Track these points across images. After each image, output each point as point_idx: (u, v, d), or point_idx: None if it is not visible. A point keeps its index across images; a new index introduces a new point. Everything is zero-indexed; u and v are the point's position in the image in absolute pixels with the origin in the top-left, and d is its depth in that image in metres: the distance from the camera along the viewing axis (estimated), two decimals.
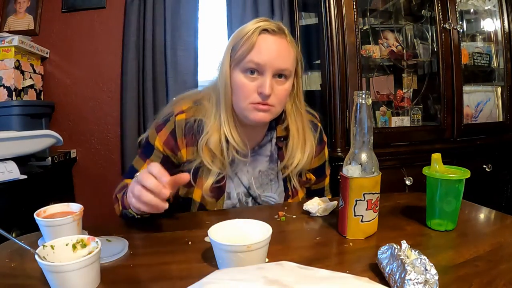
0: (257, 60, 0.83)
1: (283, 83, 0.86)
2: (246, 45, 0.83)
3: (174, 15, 2.02)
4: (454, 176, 0.71)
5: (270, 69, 0.83)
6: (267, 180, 0.98)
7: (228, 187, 0.95)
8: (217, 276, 0.42)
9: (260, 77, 0.84)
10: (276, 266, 0.44)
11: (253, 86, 0.84)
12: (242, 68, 0.85)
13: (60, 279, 0.51)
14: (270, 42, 0.84)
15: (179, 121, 0.91)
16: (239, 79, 0.85)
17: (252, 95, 0.84)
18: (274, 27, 0.85)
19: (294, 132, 0.95)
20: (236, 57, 0.85)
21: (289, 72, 0.86)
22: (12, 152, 1.41)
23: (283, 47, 0.85)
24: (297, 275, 0.41)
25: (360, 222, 0.70)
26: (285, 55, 0.85)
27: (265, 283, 0.38)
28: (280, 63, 0.84)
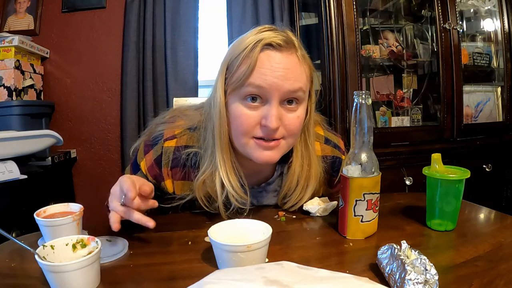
0: (259, 83, 0.66)
1: (295, 110, 0.70)
2: (244, 65, 0.66)
3: (174, 15, 2.02)
4: (454, 176, 0.71)
5: (277, 94, 0.66)
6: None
7: None
8: (217, 276, 0.42)
9: (264, 106, 0.68)
10: (276, 266, 0.44)
11: (256, 117, 0.68)
12: (241, 95, 0.68)
13: (60, 279, 0.51)
14: (275, 60, 0.66)
15: (167, 149, 0.78)
16: (237, 109, 0.68)
17: (254, 128, 0.68)
18: (280, 40, 0.67)
19: (296, 168, 0.78)
20: (233, 81, 0.68)
21: (302, 94, 0.69)
22: (12, 152, 1.41)
23: (293, 65, 0.68)
24: (297, 275, 0.41)
25: (360, 222, 0.70)
26: (296, 74, 0.68)
27: (265, 283, 0.38)
28: (289, 85, 0.66)
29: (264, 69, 0.66)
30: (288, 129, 0.69)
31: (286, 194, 0.81)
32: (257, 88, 0.66)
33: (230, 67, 0.69)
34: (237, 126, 0.69)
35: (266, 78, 0.65)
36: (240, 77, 0.67)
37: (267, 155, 0.70)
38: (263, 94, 0.67)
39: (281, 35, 0.69)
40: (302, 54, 0.71)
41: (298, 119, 0.70)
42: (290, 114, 0.69)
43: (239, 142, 0.71)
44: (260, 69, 0.66)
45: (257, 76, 0.66)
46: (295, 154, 0.79)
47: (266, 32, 0.68)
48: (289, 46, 0.69)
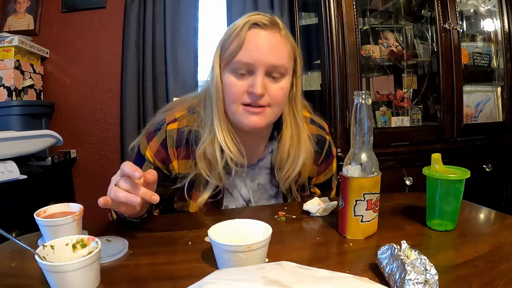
0: (246, 60, 0.75)
1: (278, 81, 0.78)
2: (234, 43, 0.76)
3: (174, 15, 2.02)
4: (454, 176, 0.71)
5: (262, 67, 0.75)
6: (267, 195, 0.93)
7: (226, 200, 0.90)
8: (217, 276, 0.42)
9: (250, 77, 0.77)
10: (276, 266, 0.44)
11: (243, 86, 0.76)
12: (232, 68, 0.77)
13: (60, 279, 0.51)
14: (260, 37, 0.76)
15: (171, 131, 0.84)
16: (229, 79, 0.77)
17: (242, 96, 0.77)
18: (265, 21, 0.78)
19: (286, 139, 0.85)
20: (225, 57, 0.78)
21: (284, 69, 0.78)
22: (12, 152, 1.41)
23: (276, 41, 0.77)
24: (297, 275, 0.41)
25: (360, 222, 0.70)
26: (279, 50, 0.77)
27: (265, 283, 0.38)
28: (272, 59, 0.75)
29: (251, 46, 0.75)
30: (272, 98, 0.77)
31: (279, 166, 0.87)
32: (244, 64, 0.76)
33: (224, 45, 0.79)
34: (228, 94, 0.78)
35: (252, 54, 0.75)
36: (231, 53, 0.76)
37: (254, 120, 0.78)
38: (250, 68, 0.76)
39: (267, 16, 0.80)
40: (285, 34, 0.80)
41: (281, 90, 0.79)
42: (274, 84, 0.78)
43: (231, 110, 0.80)
44: (247, 46, 0.75)
45: (244, 54, 0.75)
46: (284, 126, 0.86)
47: (253, 16, 0.79)
48: (274, 25, 0.79)
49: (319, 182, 0.98)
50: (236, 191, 0.91)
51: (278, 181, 0.90)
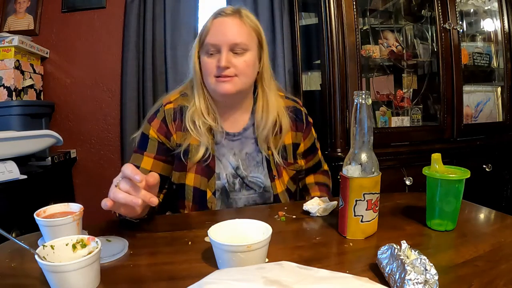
0: (212, 42, 0.93)
1: (242, 55, 0.94)
2: (205, 31, 0.96)
3: (174, 15, 2.02)
4: (454, 176, 0.71)
5: (225, 45, 0.92)
6: (254, 162, 1.04)
7: (217, 167, 1.01)
8: (217, 276, 0.42)
9: (218, 55, 0.94)
10: (276, 266, 0.44)
11: (214, 62, 0.94)
12: (204, 50, 0.96)
13: (60, 279, 0.52)
14: (222, 23, 0.94)
15: (168, 110, 1.00)
16: (203, 59, 0.96)
17: (213, 70, 0.94)
18: (228, 10, 0.95)
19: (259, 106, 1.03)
20: (200, 43, 0.98)
21: (244, 45, 0.94)
22: (12, 152, 1.41)
23: (236, 24, 0.94)
24: (297, 275, 0.41)
25: (360, 222, 0.70)
26: (237, 31, 0.94)
27: (265, 283, 0.38)
28: (232, 38, 0.92)
29: (215, 30, 0.94)
30: (237, 69, 0.94)
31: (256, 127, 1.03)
32: (212, 45, 0.94)
33: (201, 35, 0.98)
34: (204, 70, 0.97)
35: (216, 37, 0.93)
36: (202, 39, 0.96)
37: (225, 87, 0.94)
38: (217, 47, 0.93)
39: (231, 8, 0.97)
40: (245, 19, 0.96)
41: (244, 62, 0.95)
42: (238, 58, 0.94)
43: (208, 82, 0.97)
44: (212, 31, 0.94)
45: (211, 37, 0.94)
46: (258, 98, 1.04)
47: (221, 8, 0.97)
48: (235, 13, 0.95)
49: (306, 147, 1.12)
50: (224, 159, 1.02)
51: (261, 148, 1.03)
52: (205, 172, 0.99)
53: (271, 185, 1.02)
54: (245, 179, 1.02)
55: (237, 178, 1.02)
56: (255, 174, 1.03)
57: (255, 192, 1.02)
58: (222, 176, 1.01)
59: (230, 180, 1.01)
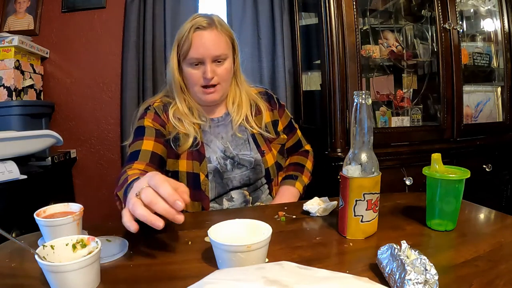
0: (196, 56, 1.02)
1: (222, 64, 1.06)
2: (185, 44, 1.03)
3: (174, 15, 2.02)
4: (454, 176, 0.71)
5: (208, 58, 1.02)
6: (241, 141, 1.13)
7: (207, 152, 1.09)
8: (217, 276, 0.42)
9: (202, 66, 1.04)
10: (276, 266, 0.44)
11: (199, 73, 1.04)
12: (188, 62, 1.05)
13: (60, 279, 0.52)
14: (203, 37, 1.02)
15: (157, 106, 1.10)
16: (188, 71, 1.06)
17: (199, 80, 1.05)
18: (205, 23, 1.03)
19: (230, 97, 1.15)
20: (182, 54, 1.05)
21: (225, 55, 1.05)
22: (12, 152, 1.41)
23: (214, 37, 1.03)
24: (297, 275, 0.41)
25: (360, 222, 0.71)
26: (217, 44, 1.03)
27: (265, 283, 0.38)
28: (214, 51, 1.02)
29: (197, 45, 1.02)
30: (220, 77, 1.06)
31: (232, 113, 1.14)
32: (196, 59, 1.03)
33: (179, 45, 1.06)
34: (190, 80, 1.07)
35: (199, 51, 1.02)
36: (185, 52, 1.04)
37: (211, 96, 1.07)
38: (200, 60, 1.03)
39: (206, 19, 1.04)
40: (221, 28, 1.05)
41: (225, 69, 1.07)
42: (220, 67, 1.05)
43: (193, 90, 1.09)
44: (194, 46, 1.02)
45: (194, 52, 1.02)
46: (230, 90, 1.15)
47: (196, 19, 1.04)
48: (211, 25, 1.04)
49: (284, 125, 1.23)
50: (213, 144, 1.11)
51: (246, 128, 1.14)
52: (196, 157, 1.06)
53: (261, 159, 1.11)
54: (235, 158, 1.10)
55: (227, 159, 1.09)
56: (244, 152, 1.11)
57: (247, 168, 1.10)
58: (212, 159, 1.08)
59: (221, 162, 1.09)
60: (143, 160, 0.96)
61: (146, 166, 0.95)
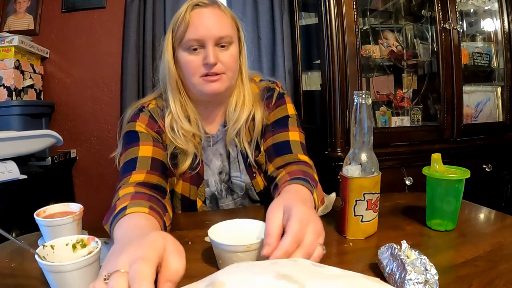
0: (195, 37, 0.82)
1: (227, 49, 0.86)
2: (182, 25, 0.83)
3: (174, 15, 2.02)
4: (454, 176, 0.71)
5: (210, 40, 0.82)
6: (232, 157, 0.95)
7: (206, 174, 0.94)
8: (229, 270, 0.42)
9: (203, 50, 0.83)
10: (290, 262, 0.45)
11: (199, 60, 0.84)
12: (184, 47, 0.84)
13: (60, 279, 0.51)
14: (203, 15, 0.84)
15: (153, 108, 0.91)
16: (184, 57, 0.85)
17: (199, 68, 0.84)
18: (205, 0, 0.85)
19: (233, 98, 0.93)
20: (177, 38, 0.85)
21: (230, 38, 0.85)
22: (12, 152, 1.41)
23: (217, 15, 0.85)
24: (309, 271, 0.41)
25: (360, 222, 0.70)
26: (221, 23, 0.85)
27: (276, 277, 0.39)
28: (217, 31, 0.83)
29: (197, 24, 0.82)
30: (225, 65, 0.85)
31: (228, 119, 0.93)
32: (195, 41, 0.83)
33: (174, 30, 0.86)
34: (187, 70, 0.85)
35: (199, 31, 0.82)
36: (181, 34, 0.84)
37: (214, 87, 0.85)
38: (200, 43, 0.83)
39: None
40: (224, 8, 0.88)
41: (231, 56, 0.86)
42: (224, 52, 0.85)
43: (192, 83, 0.86)
44: (193, 25, 0.83)
45: (192, 31, 0.82)
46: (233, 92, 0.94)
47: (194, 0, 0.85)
48: (213, 3, 0.86)
49: (273, 120, 0.95)
50: (212, 165, 0.96)
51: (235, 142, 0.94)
52: (194, 179, 0.92)
53: (251, 182, 0.94)
54: (228, 182, 0.96)
55: (222, 184, 0.96)
56: (234, 174, 0.95)
57: (238, 195, 0.97)
58: (211, 183, 0.95)
59: (218, 187, 0.96)
60: (143, 168, 0.80)
61: (146, 174, 0.79)
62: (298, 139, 0.92)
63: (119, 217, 0.63)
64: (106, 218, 0.68)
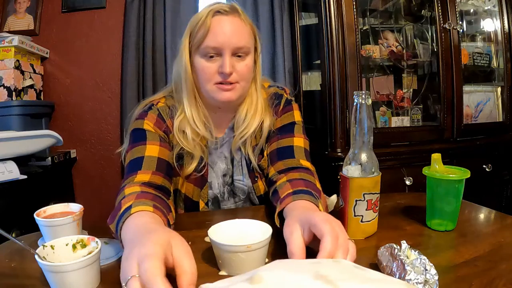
0: (213, 45, 0.83)
1: (243, 60, 0.87)
2: (201, 30, 0.84)
3: (174, 15, 2.02)
4: (454, 176, 0.71)
5: (228, 49, 0.84)
6: (236, 161, 0.97)
7: (209, 176, 0.96)
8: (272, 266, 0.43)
9: (219, 58, 0.85)
10: (333, 263, 0.45)
11: (214, 67, 0.85)
12: (202, 53, 0.86)
13: (60, 279, 0.51)
14: (223, 23, 0.84)
15: (162, 107, 0.92)
16: (200, 63, 0.86)
17: (214, 76, 0.86)
18: (226, 8, 0.86)
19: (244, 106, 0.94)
20: (195, 43, 0.86)
21: (247, 48, 0.87)
22: (12, 152, 1.41)
23: (237, 25, 0.85)
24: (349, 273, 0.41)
25: (360, 222, 0.70)
26: (240, 33, 0.85)
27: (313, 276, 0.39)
28: (236, 41, 0.84)
29: (216, 31, 0.83)
30: (240, 75, 0.86)
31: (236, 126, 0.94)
32: (213, 48, 0.84)
33: (192, 34, 0.87)
34: (202, 76, 0.87)
35: (218, 39, 0.83)
36: (199, 40, 0.85)
37: (227, 95, 0.87)
38: (218, 51, 0.84)
39: (227, 4, 0.87)
40: (244, 17, 0.88)
41: (246, 66, 0.87)
42: (240, 62, 0.86)
43: (205, 89, 0.88)
44: (213, 32, 0.83)
45: (212, 39, 0.83)
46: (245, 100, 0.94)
47: (215, 5, 0.86)
48: (234, 11, 0.86)
49: (279, 125, 0.97)
50: (216, 167, 0.97)
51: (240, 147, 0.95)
52: (198, 181, 0.94)
53: (252, 186, 0.96)
54: (231, 185, 0.98)
55: (225, 187, 0.98)
56: (237, 177, 0.97)
57: (240, 198, 0.98)
58: (214, 185, 0.96)
59: (221, 189, 0.97)
60: (148, 169, 0.81)
61: (152, 175, 0.80)
62: (302, 145, 0.94)
63: (125, 217, 0.63)
64: (112, 218, 0.68)
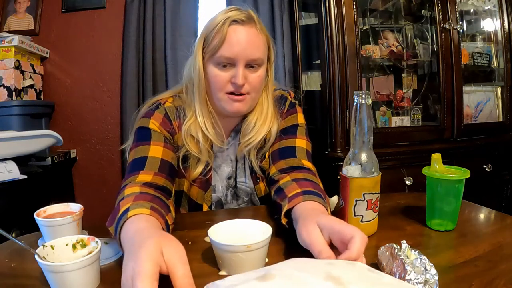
0: (228, 55, 0.83)
1: (256, 71, 0.87)
2: (217, 38, 0.83)
3: (174, 15, 2.02)
4: (454, 176, 0.71)
5: (242, 60, 0.83)
6: (240, 163, 0.97)
7: (213, 179, 0.96)
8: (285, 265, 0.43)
9: (233, 68, 0.84)
10: (347, 265, 0.45)
11: (227, 77, 0.85)
12: (215, 61, 0.85)
13: (60, 279, 0.51)
14: (240, 33, 0.83)
15: (169, 107, 0.91)
16: (213, 71, 0.85)
17: (226, 85, 0.85)
18: (243, 17, 0.84)
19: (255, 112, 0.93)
20: (209, 50, 0.85)
21: (261, 60, 0.86)
22: (12, 152, 1.41)
23: (253, 36, 0.85)
24: (361, 276, 0.41)
25: (360, 222, 0.70)
26: (256, 44, 0.85)
27: (324, 278, 0.39)
28: (250, 53, 0.83)
29: (232, 42, 0.82)
30: (252, 86, 0.86)
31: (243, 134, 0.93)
32: (227, 58, 0.83)
33: (207, 39, 0.86)
34: (213, 84, 0.86)
35: (233, 49, 0.82)
36: (214, 48, 0.83)
37: (237, 106, 0.87)
38: (232, 61, 0.84)
39: (244, 13, 0.86)
40: (260, 27, 0.87)
41: (258, 78, 0.87)
42: (252, 74, 0.86)
43: (216, 97, 0.87)
44: (229, 42, 0.82)
45: (227, 49, 0.82)
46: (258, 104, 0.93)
47: (232, 12, 0.85)
48: (250, 21, 0.86)
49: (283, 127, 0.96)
50: (220, 171, 0.97)
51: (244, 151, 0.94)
52: (202, 184, 0.94)
53: (254, 187, 0.97)
54: (234, 188, 0.98)
55: (229, 189, 0.98)
56: (240, 179, 0.98)
57: (244, 200, 0.99)
58: (218, 188, 0.97)
59: (224, 192, 0.98)
60: (151, 169, 0.80)
61: (154, 176, 0.79)
62: (304, 147, 0.93)
63: (122, 221, 0.63)
64: (111, 220, 0.68)
